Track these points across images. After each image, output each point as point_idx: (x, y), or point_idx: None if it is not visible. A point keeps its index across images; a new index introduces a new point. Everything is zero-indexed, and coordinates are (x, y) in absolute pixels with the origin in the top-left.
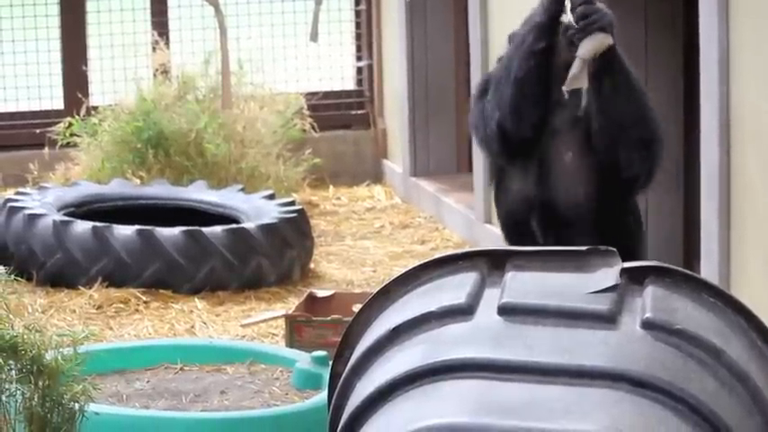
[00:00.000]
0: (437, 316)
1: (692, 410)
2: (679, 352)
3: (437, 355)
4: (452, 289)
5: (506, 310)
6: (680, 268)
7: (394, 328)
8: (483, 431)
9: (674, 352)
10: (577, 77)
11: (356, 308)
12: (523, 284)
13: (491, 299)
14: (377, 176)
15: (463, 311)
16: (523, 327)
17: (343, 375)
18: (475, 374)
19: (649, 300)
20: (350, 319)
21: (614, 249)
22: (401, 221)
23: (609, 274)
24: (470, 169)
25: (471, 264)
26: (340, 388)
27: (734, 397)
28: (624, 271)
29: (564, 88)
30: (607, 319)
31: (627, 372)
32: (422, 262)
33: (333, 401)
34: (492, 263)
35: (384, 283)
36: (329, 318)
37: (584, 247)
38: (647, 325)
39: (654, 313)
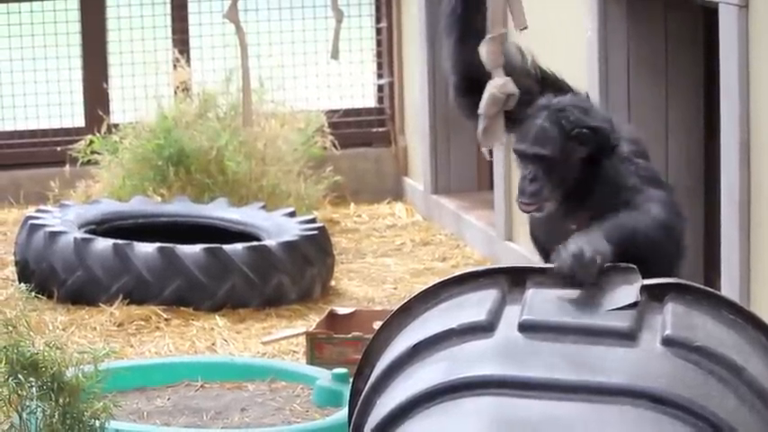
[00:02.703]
0: (458, 333)
1: (713, 427)
2: (699, 369)
3: (457, 372)
4: (473, 306)
5: (527, 328)
6: (700, 285)
7: (414, 345)
8: None
9: (694, 369)
10: (488, 133)
11: (377, 325)
12: (544, 302)
13: (511, 316)
14: (398, 194)
15: (484, 328)
16: (544, 344)
17: (364, 393)
18: (495, 391)
19: (669, 317)
20: (371, 336)
21: (634, 266)
22: (422, 239)
23: (629, 292)
24: (491, 187)
25: (492, 281)
26: (360, 405)
27: (754, 414)
28: (644, 288)
29: (482, 149)
30: (627, 336)
31: (647, 389)
32: (442, 279)
33: (353, 419)
34: (512, 280)
35: (404, 301)
36: (350, 335)
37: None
38: (668, 342)
39: (674, 330)
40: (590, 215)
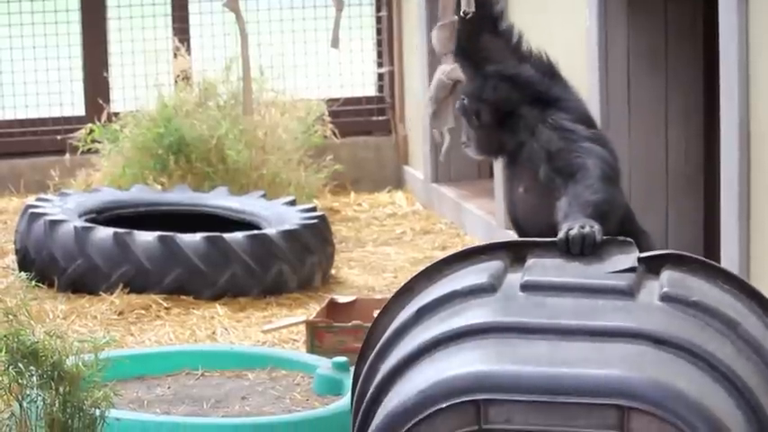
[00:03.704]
0: (461, 294)
1: (712, 368)
2: (697, 320)
3: (462, 321)
4: (475, 274)
5: (529, 287)
6: (695, 256)
7: (418, 310)
8: (510, 376)
9: (692, 320)
10: (438, 117)
11: (377, 314)
12: (544, 267)
13: (513, 280)
14: (398, 182)
15: (486, 290)
16: (546, 298)
17: (367, 364)
18: (497, 335)
19: (666, 280)
20: (371, 324)
21: (631, 240)
22: (422, 227)
23: (627, 260)
24: (491, 175)
25: (493, 255)
26: (363, 376)
27: (750, 364)
28: (641, 260)
29: (433, 131)
30: (626, 293)
31: (647, 331)
32: (445, 256)
33: (357, 390)
34: (513, 255)
35: (406, 281)
36: (350, 324)
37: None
38: (666, 298)
39: (671, 288)
40: (533, 179)
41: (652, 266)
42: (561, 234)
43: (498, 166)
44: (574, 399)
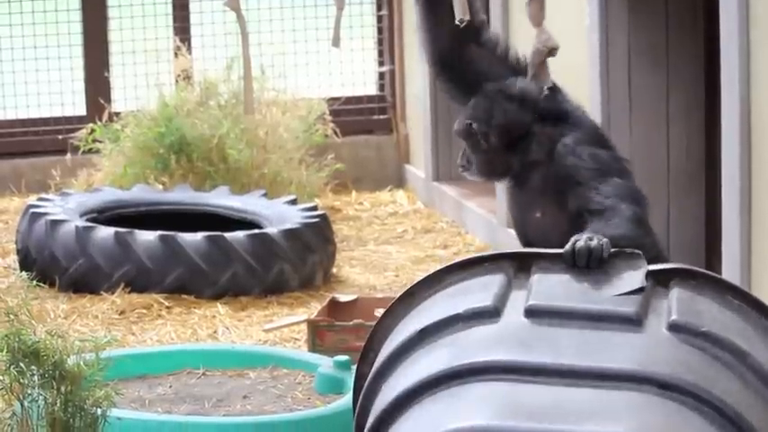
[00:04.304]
0: (464, 318)
1: (718, 412)
2: (705, 354)
3: (464, 357)
4: (478, 291)
5: (533, 313)
6: (705, 270)
7: (420, 331)
8: None
9: (699, 354)
10: (537, 79)
11: (378, 312)
12: (550, 287)
13: (517, 301)
14: (399, 181)
15: (490, 314)
16: (550, 329)
17: (369, 378)
18: (501, 377)
19: (675, 302)
20: (372, 323)
21: (639, 252)
22: (423, 226)
23: (635, 277)
24: None
25: (496, 266)
26: (365, 391)
27: (759, 399)
28: (650, 274)
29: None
30: (633, 322)
31: (653, 375)
32: (446, 265)
33: (359, 403)
34: (517, 265)
35: (408, 286)
36: (351, 322)
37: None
38: (674, 327)
39: (680, 315)
40: (553, 205)
41: (661, 280)
42: (568, 246)
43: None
44: None
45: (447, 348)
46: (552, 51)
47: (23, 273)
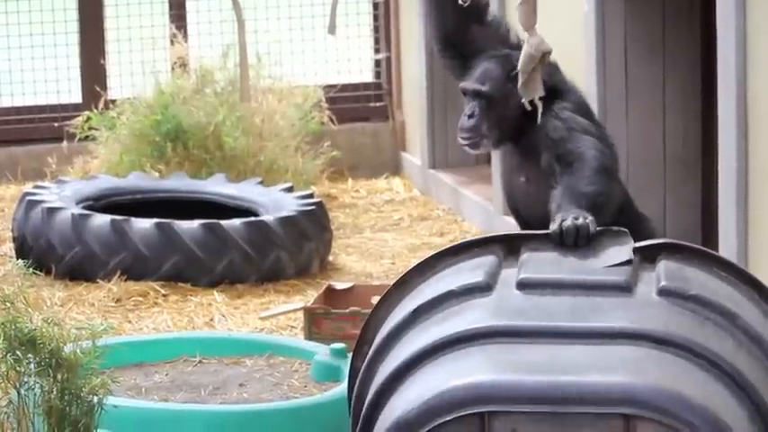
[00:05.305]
0: (456, 294)
1: (714, 366)
2: (696, 315)
3: (460, 326)
4: (469, 271)
5: (525, 285)
6: (691, 244)
7: (414, 310)
8: (513, 387)
9: (691, 315)
10: (527, 87)
11: (375, 300)
12: (540, 263)
13: (509, 277)
14: (395, 169)
15: (482, 289)
16: (542, 298)
17: (364, 365)
18: (497, 340)
19: (663, 271)
20: (368, 311)
21: (625, 230)
22: (420, 214)
23: (622, 251)
24: (489, 161)
25: (486, 249)
26: (361, 378)
27: (751, 358)
28: (637, 250)
29: (523, 100)
30: (624, 289)
31: (647, 331)
32: (437, 251)
33: (355, 390)
34: (507, 248)
35: (401, 275)
36: (348, 310)
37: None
38: (663, 292)
39: (668, 281)
40: (536, 168)
41: (647, 256)
42: (554, 226)
43: (496, 155)
44: (578, 409)
45: (441, 322)
46: (545, 57)
47: (20, 260)
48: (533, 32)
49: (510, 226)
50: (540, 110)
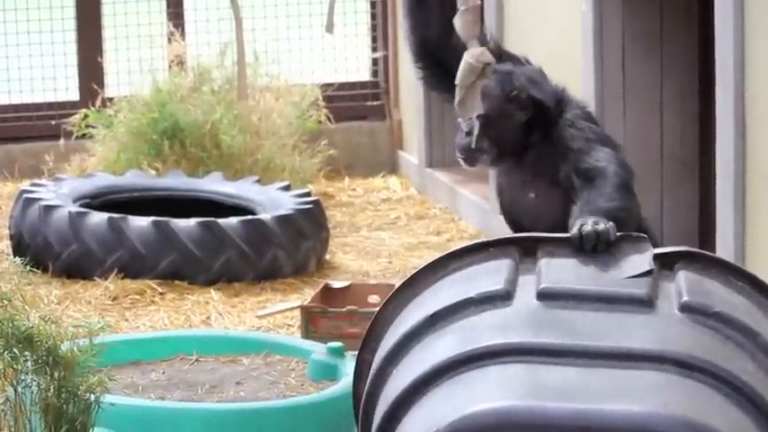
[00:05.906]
0: (476, 302)
1: (735, 390)
2: (717, 334)
3: (479, 341)
4: (488, 275)
5: (545, 296)
6: (708, 253)
7: (432, 315)
8: (537, 414)
9: (712, 334)
10: (465, 103)
11: (372, 299)
12: (559, 270)
13: (527, 284)
14: (392, 168)
15: (502, 297)
16: (564, 312)
17: (376, 365)
18: (518, 359)
19: (683, 284)
20: (365, 310)
21: (645, 236)
22: (417, 212)
23: (643, 260)
24: None
25: (502, 251)
26: (373, 377)
27: None
28: (655, 257)
29: (459, 120)
30: (645, 303)
31: (670, 354)
32: (449, 251)
33: (365, 390)
34: (522, 250)
35: (412, 272)
36: (345, 309)
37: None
38: (685, 308)
39: (690, 296)
40: (547, 183)
41: (666, 263)
42: (575, 230)
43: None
44: None
45: (460, 332)
46: (486, 68)
47: (16, 258)
48: (473, 43)
49: (506, 225)
50: (476, 131)
